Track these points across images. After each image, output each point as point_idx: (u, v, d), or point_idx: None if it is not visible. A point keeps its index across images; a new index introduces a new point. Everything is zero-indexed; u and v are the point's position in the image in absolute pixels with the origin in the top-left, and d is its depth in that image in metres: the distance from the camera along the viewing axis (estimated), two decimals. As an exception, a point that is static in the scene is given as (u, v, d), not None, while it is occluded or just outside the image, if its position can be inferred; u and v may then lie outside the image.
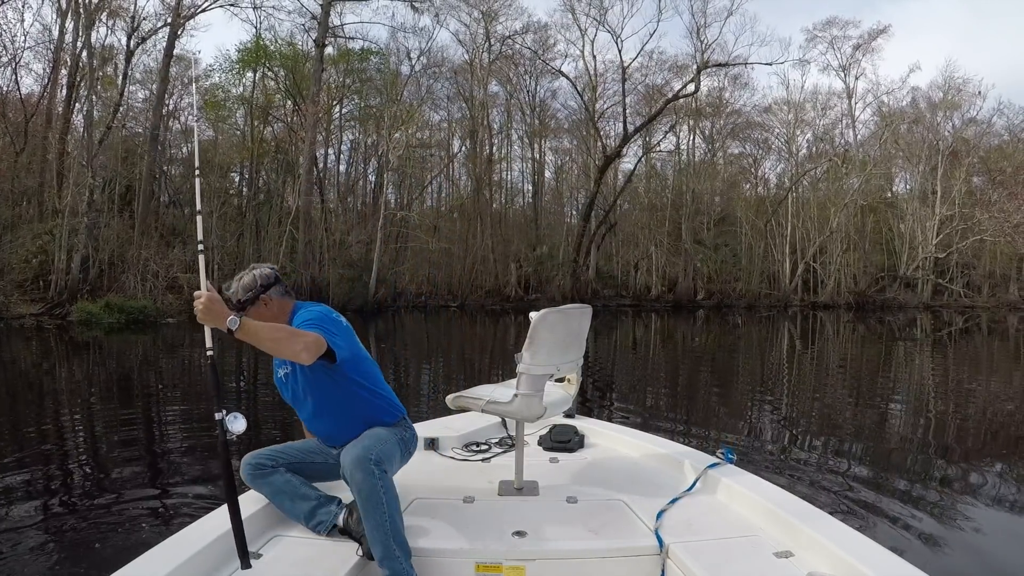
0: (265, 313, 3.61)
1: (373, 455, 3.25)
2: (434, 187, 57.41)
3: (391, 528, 3.09)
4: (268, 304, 3.65)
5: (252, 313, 3.58)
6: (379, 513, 3.10)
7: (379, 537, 3.06)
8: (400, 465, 3.71)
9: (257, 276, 3.68)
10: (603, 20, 50.82)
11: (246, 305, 3.60)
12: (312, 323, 3.43)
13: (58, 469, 7.57)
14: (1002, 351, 23.61)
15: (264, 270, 3.74)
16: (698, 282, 53.58)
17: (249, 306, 3.61)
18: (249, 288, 3.63)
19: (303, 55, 45.33)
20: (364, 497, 3.13)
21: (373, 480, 3.16)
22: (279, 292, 3.71)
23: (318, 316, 3.54)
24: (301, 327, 3.36)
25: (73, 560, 4.88)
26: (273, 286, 3.69)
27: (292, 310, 3.72)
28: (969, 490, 6.88)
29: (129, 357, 19.97)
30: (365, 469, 3.17)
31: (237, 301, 3.60)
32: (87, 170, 32.58)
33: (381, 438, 3.49)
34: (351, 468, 3.19)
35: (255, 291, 3.63)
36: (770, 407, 12.61)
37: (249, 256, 40.22)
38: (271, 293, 3.67)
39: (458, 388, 4.08)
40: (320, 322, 3.46)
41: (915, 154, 54.21)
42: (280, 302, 3.70)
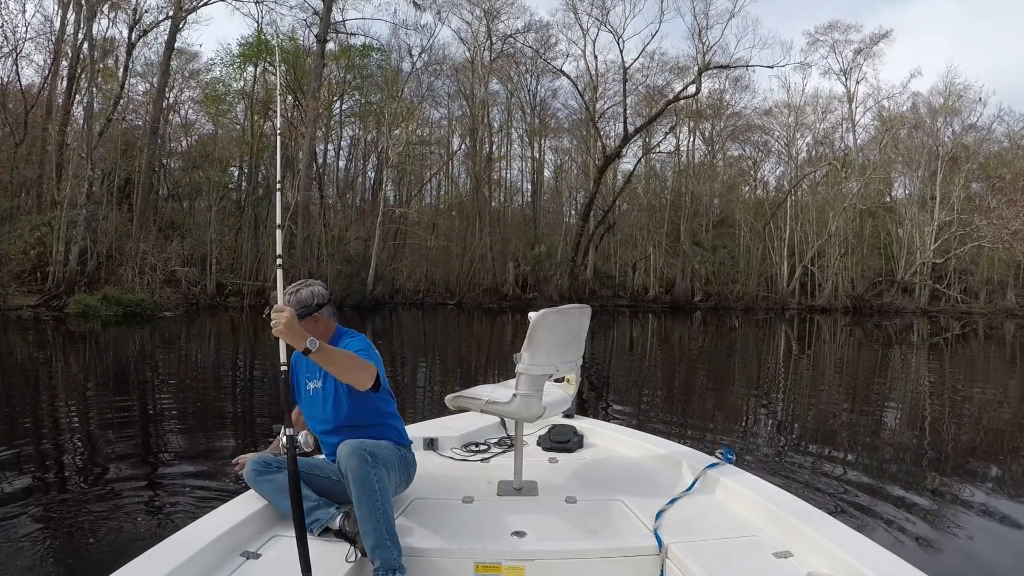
0: (313, 330, 3.60)
1: (368, 447, 3.30)
2: (433, 185, 57.57)
3: (383, 517, 3.11)
4: (317, 322, 3.73)
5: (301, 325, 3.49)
6: (372, 500, 3.12)
7: (371, 526, 3.07)
8: (399, 483, 3.73)
9: (314, 294, 3.75)
10: (605, 20, 50.95)
11: (300, 318, 3.46)
12: (366, 352, 3.53)
13: (55, 465, 7.55)
14: (999, 357, 23.63)
15: (320, 288, 3.82)
16: (696, 283, 53.55)
17: (301, 320, 3.49)
18: (305, 304, 3.69)
19: (304, 50, 45.26)
20: (358, 483, 3.16)
21: (367, 467, 3.19)
22: (329, 312, 3.81)
23: (368, 346, 3.64)
24: (361, 353, 3.49)
25: (72, 559, 4.87)
26: (325, 306, 3.79)
27: (335, 332, 3.81)
28: (966, 491, 6.90)
29: (126, 350, 19.93)
30: (360, 456, 3.21)
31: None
32: (86, 162, 32.57)
33: (382, 444, 3.54)
34: (347, 456, 3.24)
35: (310, 308, 3.71)
36: (769, 408, 12.62)
37: (247, 251, 40.22)
38: (323, 312, 3.77)
39: (455, 387, 4.09)
40: (372, 352, 3.58)
41: (915, 159, 54.18)
42: (328, 322, 3.79)
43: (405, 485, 3.84)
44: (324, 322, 3.76)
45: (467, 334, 29.30)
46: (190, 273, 35.35)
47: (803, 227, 53.66)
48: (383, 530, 3.07)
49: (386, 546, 3.05)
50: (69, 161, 33.75)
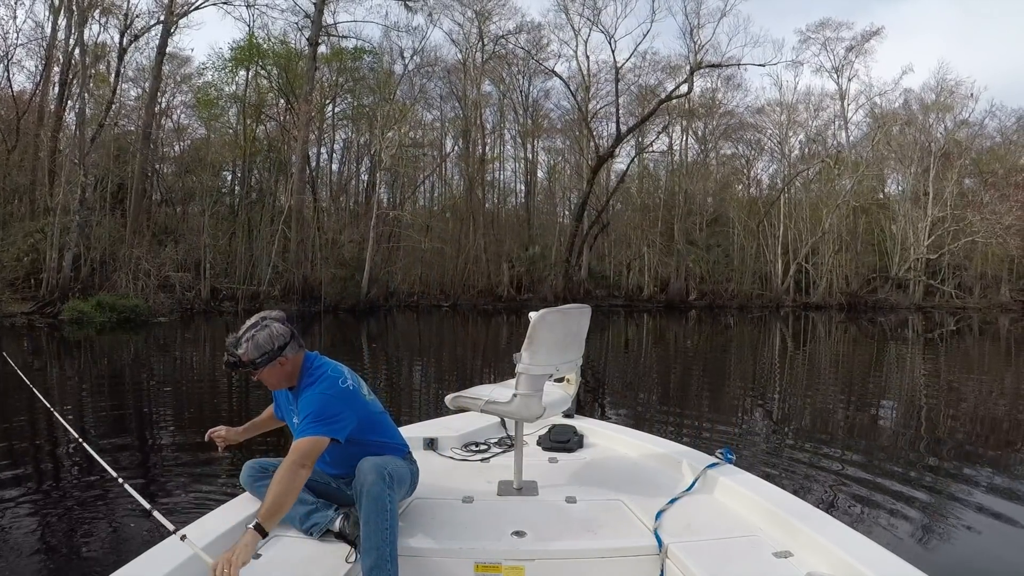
0: (279, 372, 3.51)
1: (389, 468, 3.30)
2: (427, 186, 57.57)
3: (389, 538, 3.10)
4: (284, 364, 3.50)
5: (266, 372, 3.47)
6: (382, 518, 3.11)
7: (375, 544, 3.06)
8: (405, 497, 3.70)
9: (273, 336, 3.44)
10: (597, 20, 50.90)
11: (261, 366, 3.44)
12: (312, 418, 3.31)
13: (53, 470, 7.55)
14: (993, 352, 23.68)
15: (278, 327, 3.50)
16: (690, 282, 53.56)
17: (263, 367, 3.45)
18: (264, 350, 3.42)
19: (296, 54, 45.21)
20: (372, 499, 3.14)
21: (383, 486, 3.19)
22: (293, 350, 3.51)
23: (320, 407, 3.35)
24: (305, 421, 3.31)
25: (72, 561, 4.86)
26: (288, 345, 3.48)
27: (304, 363, 3.59)
28: (965, 488, 6.92)
29: (121, 356, 19.91)
30: (380, 474, 3.21)
31: (250, 361, 3.42)
32: (79, 168, 32.44)
33: (398, 462, 3.54)
34: (366, 472, 3.22)
35: (271, 354, 3.43)
36: (767, 407, 12.65)
37: (241, 255, 40.12)
38: (287, 353, 3.48)
39: (450, 388, 4.10)
40: (320, 416, 3.32)
41: (907, 156, 54.32)
42: (294, 359, 3.54)
43: (411, 492, 3.82)
44: (290, 361, 3.50)
45: (462, 336, 29.31)
46: (184, 278, 35.25)
47: (797, 225, 53.73)
48: (386, 551, 3.06)
49: (386, 568, 3.03)
50: (62, 167, 33.65)
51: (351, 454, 3.49)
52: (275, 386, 3.61)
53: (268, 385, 3.59)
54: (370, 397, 3.68)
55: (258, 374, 3.46)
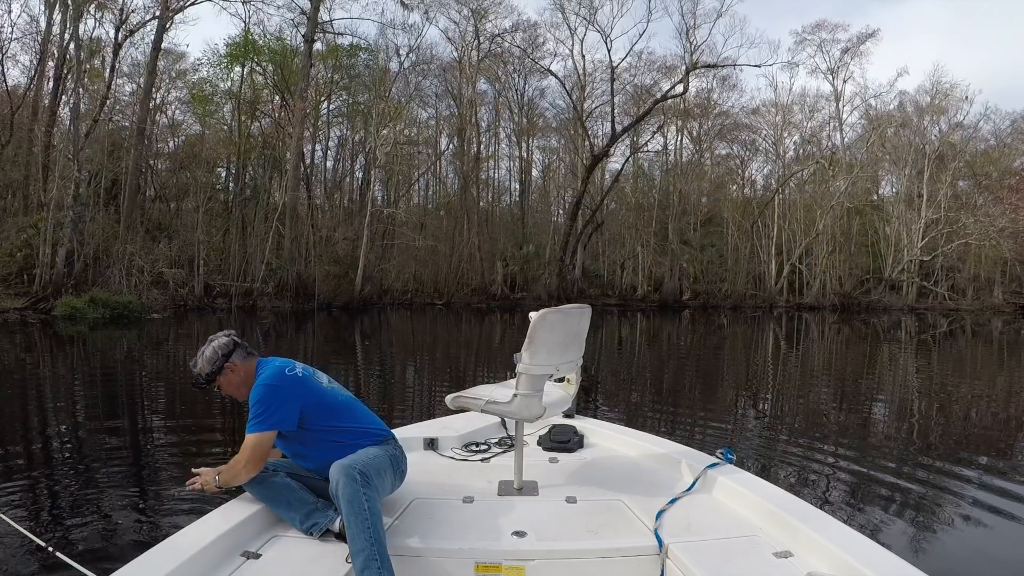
0: (234, 379, 3.76)
1: (358, 466, 3.31)
2: (421, 184, 57.62)
3: (373, 538, 3.06)
4: (234, 370, 3.76)
5: (222, 381, 3.76)
6: (361, 519, 3.09)
7: (360, 546, 3.03)
8: (394, 482, 3.73)
9: (217, 348, 3.75)
10: (593, 20, 50.99)
11: (215, 376, 3.73)
12: (252, 414, 3.53)
13: (48, 469, 7.50)
14: (986, 354, 23.75)
15: (222, 339, 3.81)
16: (684, 282, 53.67)
17: (218, 376, 3.74)
18: (213, 360, 3.72)
19: (291, 50, 45.16)
20: (347, 503, 3.15)
21: (355, 487, 3.19)
22: (241, 356, 3.79)
23: (260, 397, 3.56)
24: (253, 417, 3.52)
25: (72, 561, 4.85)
26: (234, 352, 3.77)
27: (256, 367, 3.79)
28: (964, 490, 6.93)
29: (115, 353, 19.85)
30: (348, 476, 3.22)
31: (206, 375, 3.73)
32: (73, 163, 32.38)
33: (370, 454, 3.54)
34: (335, 476, 3.25)
35: (219, 362, 3.72)
36: (765, 407, 12.67)
37: (235, 252, 40.08)
38: (234, 359, 3.76)
39: (444, 386, 4.10)
40: (260, 410, 3.52)
41: (902, 158, 54.45)
42: (244, 365, 3.78)
43: (401, 480, 3.83)
44: (240, 367, 3.77)
45: (456, 334, 29.28)
46: (177, 275, 35.14)
47: (791, 225, 53.89)
48: (373, 551, 3.03)
49: (374, 568, 2.99)
50: (56, 162, 33.52)
51: (314, 442, 3.63)
52: (238, 394, 3.78)
53: (233, 395, 3.81)
54: (330, 386, 3.82)
55: (219, 386, 3.78)
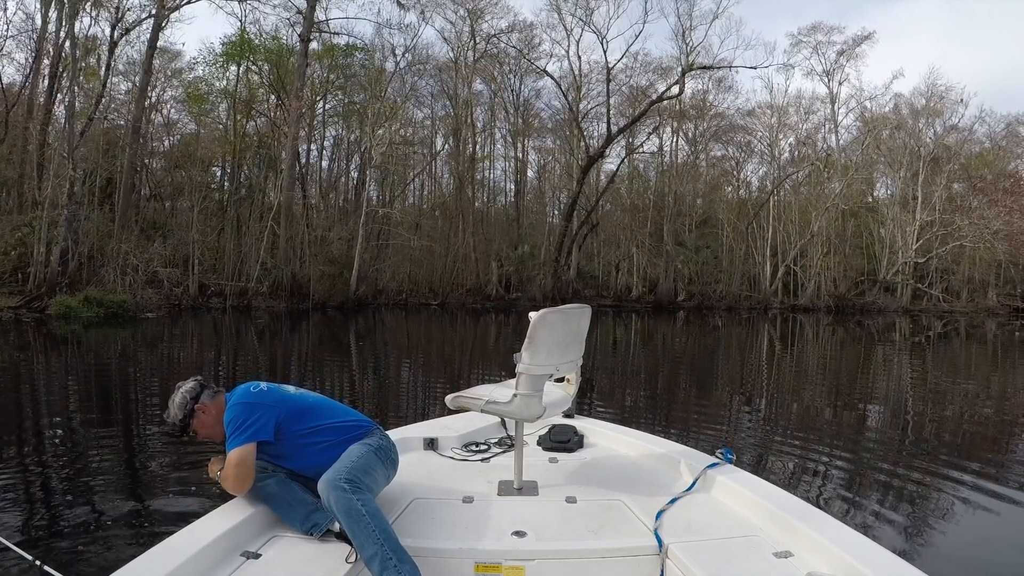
0: (207, 419, 3.80)
1: (342, 475, 3.32)
2: (416, 184, 57.67)
3: (383, 538, 3.07)
4: (205, 411, 3.80)
5: (196, 423, 3.80)
6: (364, 525, 3.10)
7: (373, 551, 3.04)
8: (387, 473, 3.75)
9: (184, 393, 3.80)
10: (589, 21, 50.92)
11: (188, 420, 3.78)
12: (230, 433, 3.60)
13: (46, 469, 7.49)
14: (980, 355, 23.79)
15: (188, 384, 3.86)
16: (679, 283, 53.64)
17: (191, 420, 3.78)
18: (183, 405, 3.77)
19: (287, 50, 45.13)
20: (344, 515, 3.16)
21: (347, 496, 3.20)
22: (209, 396, 3.84)
23: (233, 416, 3.63)
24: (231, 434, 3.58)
25: (71, 561, 4.84)
26: (202, 394, 3.83)
27: (225, 401, 3.83)
28: (963, 490, 6.96)
29: (109, 352, 19.81)
30: (337, 488, 3.24)
31: (179, 421, 3.78)
32: (68, 162, 32.31)
33: (353, 456, 3.55)
34: (325, 493, 3.27)
35: (187, 406, 3.77)
36: (763, 407, 12.69)
37: (230, 251, 40.04)
38: (203, 400, 3.81)
39: (439, 386, 4.11)
40: (235, 429, 3.58)
41: (897, 160, 54.52)
42: (214, 403, 3.82)
43: (394, 468, 3.85)
44: (211, 407, 3.82)
45: (451, 334, 29.27)
46: (172, 274, 35.09)
47: (786, 227, 53.88)
48: (387, 551, 3.04)
49: (392, 566, 3.00)
50: (50, 161, 33.51)
51: (296, 448, 3.70)
52: (216, 434, 3.82)
53: (211, 436, 3.85)
54: (298, 391, 3.90)
55: (195, 430, 3.82)
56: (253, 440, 3.55)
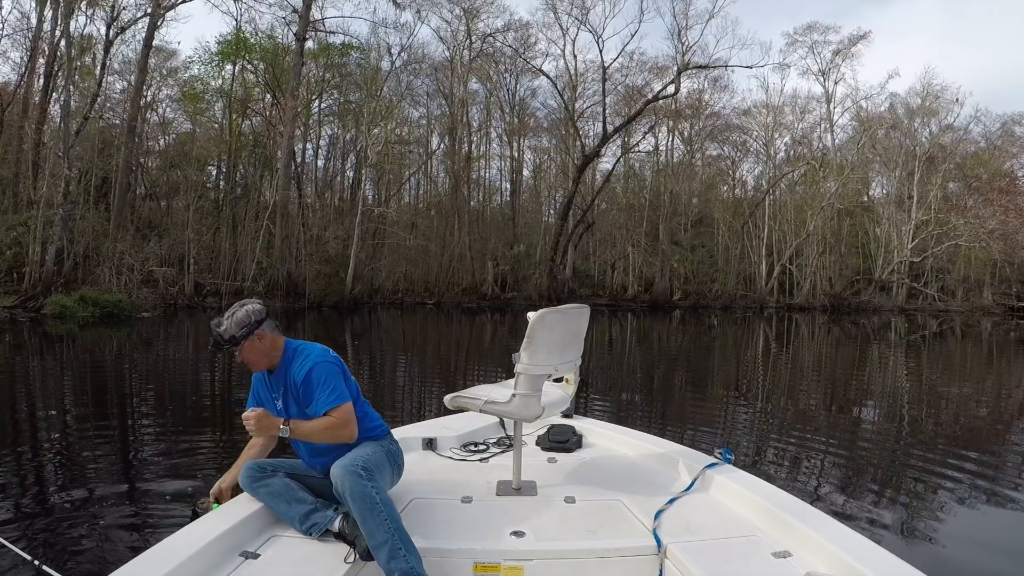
0: (259, 347, 3.74)
1: (360, 462, 3.33)
2: (412, 184, 57.58)
3: (393, 527, 3.11)
4: (262, 339, 3.75)
5: (246, 347, 3.71)
6: (376, 514, 3.12)
7: (382, 538, 3.07)
8: (392, 478, 3.76)
9: (250, 312, 3.74)
10: (585, 20, 50.89)
11: (240, 340, 3.69)
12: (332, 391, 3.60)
13: (43, 470, 7.49)
14: (975, 354, 23.84)
15: (255, 306, 3.80)
16: (674, 282, 53.66)
17: (243, 341, 3.69)
18: (243, 324, 3.70)
19: (283, 49, 45.07)
20: (358, 501, 3.17)
21: (363, 483, 3.22)
22: (270, 327, 3.79)
23: (330, 373, 3.65)
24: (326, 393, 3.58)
25: (71, 561, 4.83)
26: (264, 321, 3.76)
27: (283, 347, 3.82)
28: (962, 489, 6.99)
29: (104, 352, 19.78)
30: (353, 474, 3.24)
31: (231, 337, 3.68)
32: (63, 161, 32.19)
33: (367, 450, 3.56)
34: (341, 477, 3.26)
35: (249, 327, 3.70)
36: (761, 407, 12.68)
37: (225, 250, 40.01)
38: (264, 328, 3.75)
39: (434, 386, 4.10)
40: (334, 383, 3.62)
41: (892, 159, 54.58)
42: (272, 337, 3.79)
43: (399, 475, 3.87)
44: (268, 338, 3.77)
45: (446, 334, 29.26)
46: (168, 273, 34.99)
47: (781, 226, 53.91)
48: (396, 540, 3.08)
49: (401, 556, 3.04)
50: (46, 160, 33.36)
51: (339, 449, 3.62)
52: (256, 364, 3.79)
53: (250, 364, 3.79)
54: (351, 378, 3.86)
55: (240, 352, 3.72)
56: (349, 400, 3.61)
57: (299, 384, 3.65)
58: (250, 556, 3.13)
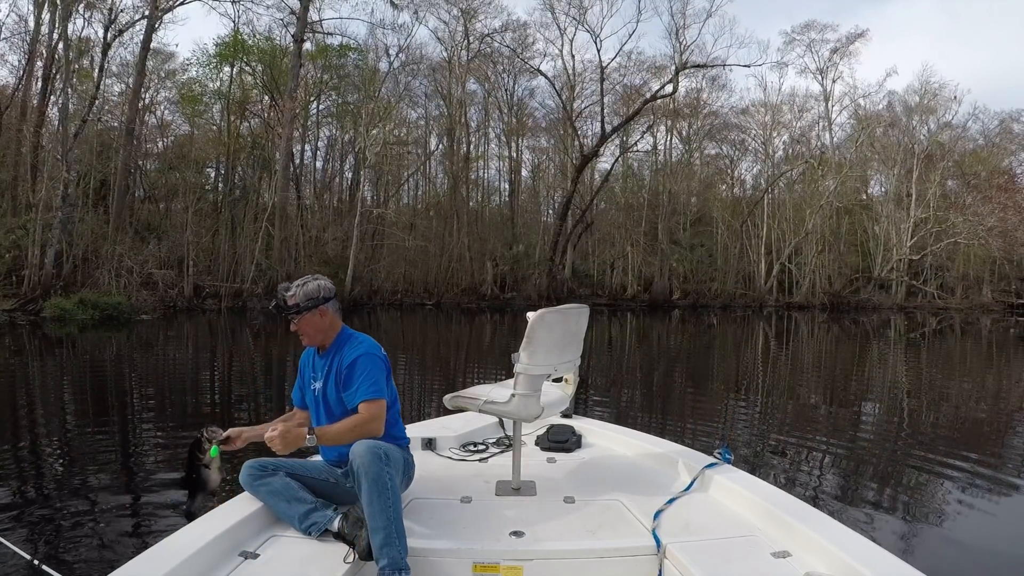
0: (318, 323, 3.82)
1: (382, 447, 3.36)
2: (411, 185, 57.45)
3: (394, 516, 3.14)
4: (323, 315, 3.84)
5: (306, 319, 3.79)
6: (384, 499, 3.15)
7: (382, 523, 3.09)
8: (402, 482, 3.74)
9: (320, 287, 3.83)
10: (582, 20, 50.84)
11: (303, 311, 3.77)
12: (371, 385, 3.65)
13: (44, 470, 7.49)
14: (975, 351, 23.84)
15: (326, 283, 3.89)
16: (674, 282, 53.62)
17: (305, 312, 3.77)
18: (311, 296, 3.78)
19: (281, 50, 45.06)
20: (371, 481, 3.18)
21: (381, 465, 3.24)
22: (334, 308, 3.90)
23: (375, 367, 3.71)
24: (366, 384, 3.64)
25: (71, 561, 4.83)
26: (331, 300, 3.88)
27: (340, 331, 3.90)
28: (961, 488, 6.98)
29: (104, 354, 19.77)
30: (375, 455, 3.26)
31: (295, 305, 3.76)
32: (62, 164, 32.18)
33: (391, 446, 3.57)
34: (361, 454, 3.27)
35: (315, 301, 3.79)
36: (760, 406, 12.67)
37: (224, 252, 39.97)
38: (328, 307, 3.85)
39: (434, 386, 4.08)
40: (377, 377, 3.69)
41: (891, 157, 54.52)
42: (332, 317, 3.89)
43: (405, 487, 3.85)
44: (329, 316, 3.84)
45: (446, 334, 29.25)
46: (167, 275, 34.92)
47: (780, 225, 53.90)
48: (392, 528, 3.10)
49: (394, 544, 3.06)
50: (44, 163, 33.40)
51: None
52: (310, 338, 3.87)
53: (305, 336, 3.86)
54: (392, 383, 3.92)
55: (298, 322, 3.79)
56: (385, 398, 3.67)
57: (344, 367, 3.71)
58: (249, 556, 3.13)
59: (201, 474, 3.62)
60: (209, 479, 3.63)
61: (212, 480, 3.64)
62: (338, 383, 3.73)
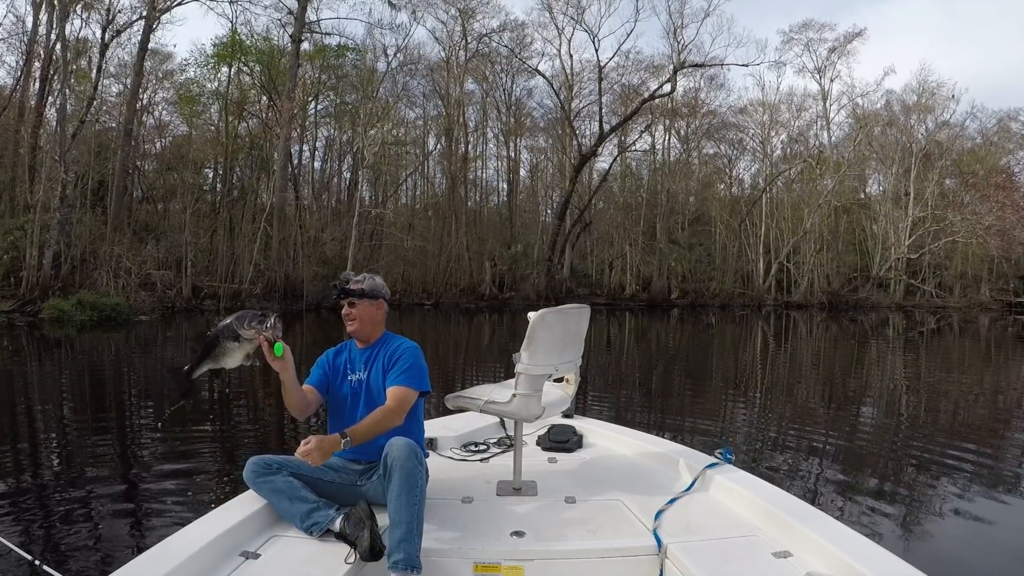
0: (374, 313, 3.98)
1: (420, 450, 3.45)
2: (409, 185, 57.52)
3: (417, 513, 3.18)
4: (379, 309, 4.02)
5: (364, 305, 3.94)
6: (412, 496, 3.19)
7: (405, 518, 3.12)
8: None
9: (384, 286, 4.07)
10: (580, 19, 50.87)
11: (366, 296, 3.93)
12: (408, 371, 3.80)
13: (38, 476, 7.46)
14: (973, 350, 23.86)
15: (382, 282, 4.09)
16: (672, 281, 53.66)
17: (367, 299, 3.93)
18: (379, 289, 4.00)
19: (279, 50, 45.03)
20: (404, 476, 3.23)
21: (416, 463, 3.32)
22: (386, 309, 4.08)
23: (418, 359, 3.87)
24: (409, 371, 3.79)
25: (71, 561, 4.83)
26: (387, 298, 4.09)
27: (383, 332, 4.08)
28: (962, 488, 6.97)
29: (102, 355, 19.75)
30: (414, 452, 3.35)
31: (361, 290, 3.92)
32: (60, 165, 32.15)
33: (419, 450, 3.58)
34: (400, 448, 3.34)
35: (379, 293, 4.00)
36: (760, 406, 12.69)
37: (223, 253, 39.92)
38: (384, 303, 4.06)
39: (433, 388, 4.08)
40: (419, 370, 3.84)
41: (889, 156, 54.61)
42: (384, 315, 4.07)
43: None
44: (383, 312, 4.03)
45: (445, 334, 29.23)
46: (165, 276, 34.89)
47: (778, 224, 53.97)
48: (415, 526, 3.13)
49: (413, 541, 3.09)
50: (42, 164, 33.34)
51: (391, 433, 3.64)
52: (361, 324, 3.97)
53: (357, 320, 3.96)
54: None
55: (356, 307, 3.93)
56: (420, 389, 3.81)
57: (395, 354, 3.86)
58: (250, 556, 3.12)
59: (224, 345, 3.40)
60: (227, 352, 3.41)
61: (230, 356, 3.41)
62: (384, 369, 3.84)
